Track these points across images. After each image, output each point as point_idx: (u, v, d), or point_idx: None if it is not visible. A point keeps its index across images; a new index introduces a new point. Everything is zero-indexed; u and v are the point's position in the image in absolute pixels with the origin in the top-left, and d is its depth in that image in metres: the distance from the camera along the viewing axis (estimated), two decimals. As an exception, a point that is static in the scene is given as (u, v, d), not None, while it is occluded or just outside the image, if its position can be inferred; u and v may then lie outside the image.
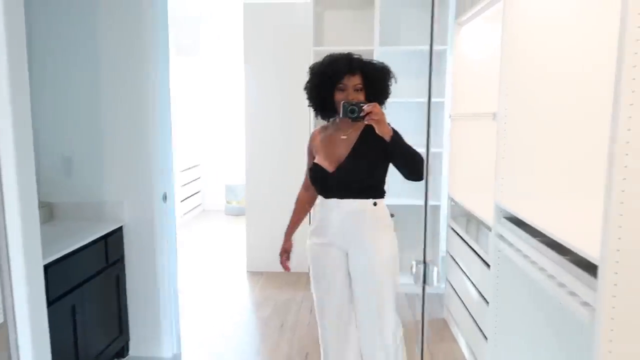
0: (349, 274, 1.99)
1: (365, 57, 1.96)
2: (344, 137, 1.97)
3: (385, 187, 1.98)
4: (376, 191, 1.97)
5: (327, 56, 1.96)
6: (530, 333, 2.01)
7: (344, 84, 1.89)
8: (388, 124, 1.82)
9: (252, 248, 4.29)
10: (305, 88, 2.00)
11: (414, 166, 1.85)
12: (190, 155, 6.61)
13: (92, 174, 2.50)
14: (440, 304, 3.50)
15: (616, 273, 1.19)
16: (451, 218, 3.16)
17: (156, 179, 2.51)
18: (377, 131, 1.79)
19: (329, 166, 1.95)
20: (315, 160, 2.00)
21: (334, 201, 1.95)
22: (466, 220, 2.91)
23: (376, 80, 1.94)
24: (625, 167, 1.16)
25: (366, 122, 1.80)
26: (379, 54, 3.50)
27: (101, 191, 2.51)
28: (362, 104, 1.79)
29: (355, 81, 1.90)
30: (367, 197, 1.94)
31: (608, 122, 1.58)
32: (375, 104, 1.78)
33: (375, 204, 1.94)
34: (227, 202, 6.77)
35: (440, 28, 3.60)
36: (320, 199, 2.03)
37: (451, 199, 3.17)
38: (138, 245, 2.56)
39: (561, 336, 1.83)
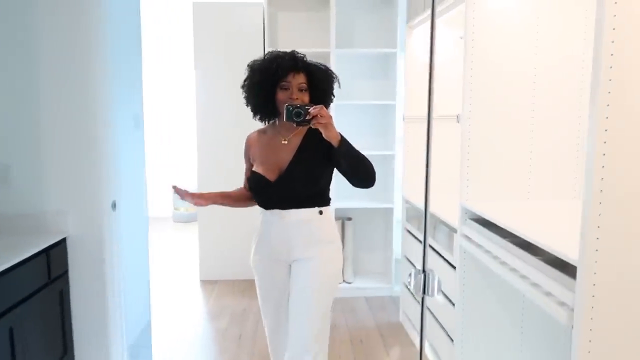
0: None
1: (321, 59, 1.85)
2: (285, 142, 1.81)
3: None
4: (321, 199, 1.82)
5: (268, 52, 1.82)
6: (498, 332, 2.02)
7: (287, 82, 1.74)
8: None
9: (205, 256, 4.13)
10: (243, 86, 1.83)
11: (363, 171, 1.72)
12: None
13: (31, 182, 2.28)
14: (395, 308, 3.50)
15: (595, 273, 1.20)
16: (406, 220, 3.16)
17: (105, 185, 2.32)
18: (324, 136, 1.64)
19: (269, 175, 1.79)
20: (254, 169, 1.84)
21: (276, 212, 1.80)
22: (419, 221, 2.91)
23: (321, 82, 1.80)
24: (603, 167, 1.17)
25: (313, 126, 1.64)
26: (335, 56, 3.47)
27: (42, 201, 2.29)
28: (307, 107, 1.63)
29: (299, 80, 1.76)
30: (312, 206, 1.79)
31: (573, 123, 1.60)
32: (322, 107, 1.62)
33: (321, 212, 1.80)
34: (175, 209, 6.52)
35: (391, 32, 3.62)
36: (260, 211, 1.87)
37: (406, 201, 3.17)
38: (84, 257, 2.36)
39: (530, 335, 1.85)
